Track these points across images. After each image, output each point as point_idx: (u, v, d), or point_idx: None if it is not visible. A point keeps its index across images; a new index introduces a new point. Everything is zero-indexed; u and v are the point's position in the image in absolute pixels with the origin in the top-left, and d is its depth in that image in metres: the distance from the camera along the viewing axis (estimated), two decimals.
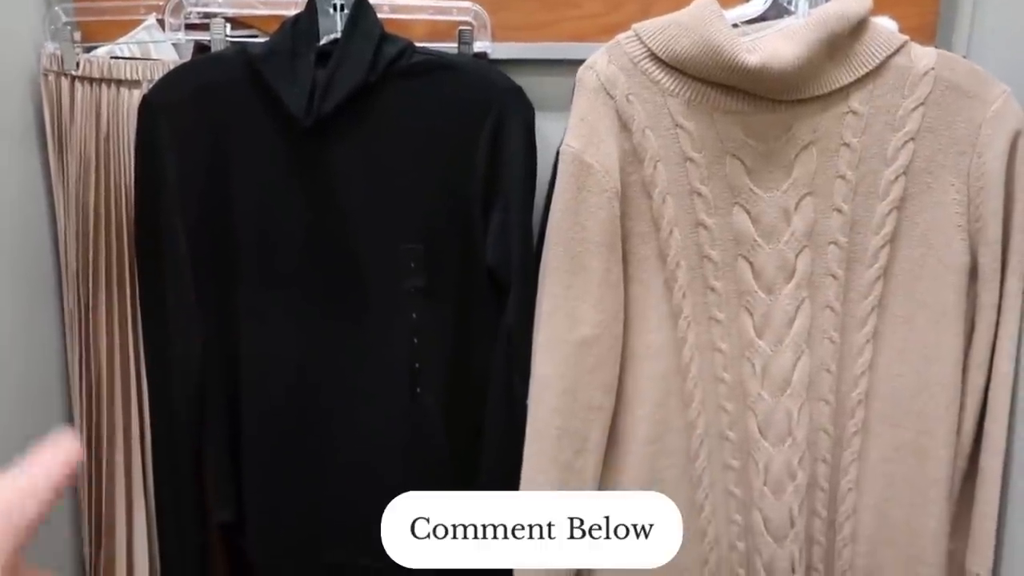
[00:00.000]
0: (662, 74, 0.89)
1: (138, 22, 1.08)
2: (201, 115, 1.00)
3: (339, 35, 1.00)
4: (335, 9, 1.01)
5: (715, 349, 0.93)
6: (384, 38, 1.00)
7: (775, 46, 0.85)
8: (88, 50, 1.09)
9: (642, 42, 0.89)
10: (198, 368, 1.05)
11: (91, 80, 1.07)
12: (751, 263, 0.91)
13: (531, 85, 1.01)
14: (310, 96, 0.97)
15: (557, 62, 1.06)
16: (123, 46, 1.08)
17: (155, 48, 1.07)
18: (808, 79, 0.87)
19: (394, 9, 1.04)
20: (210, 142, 1.01)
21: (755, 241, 0.91)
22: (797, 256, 0.91)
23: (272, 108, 0.98)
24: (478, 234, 1.02)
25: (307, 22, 1.00)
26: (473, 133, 1.00)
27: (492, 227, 1.02)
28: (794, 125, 0.89)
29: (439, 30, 1.06)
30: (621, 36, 0.90)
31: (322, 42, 1.00)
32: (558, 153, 0.94)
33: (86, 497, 1.16)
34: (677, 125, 0.89)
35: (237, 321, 1.05)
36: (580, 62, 0.92)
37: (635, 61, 0.89)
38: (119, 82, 1.07)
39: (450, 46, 1.04)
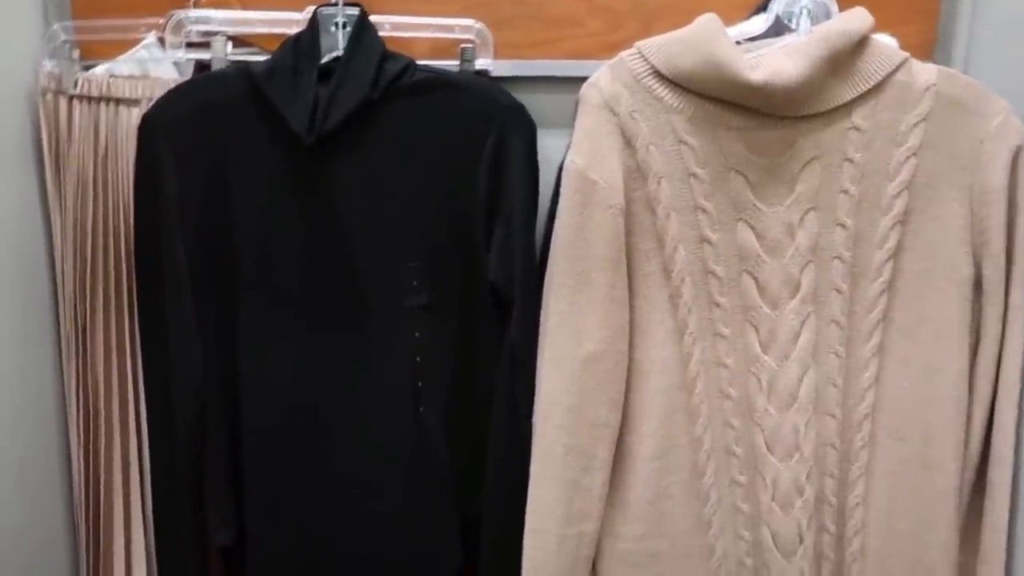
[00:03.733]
0: (665, 91, 0.89)
1: (138, 40, 1.07)
2: (202, 133, 0.99)
3: (341, 53, 1.00)
4: (337, 27, 1.01)
5: (721, 364, 0.93)
6: (386, 56, 1.00)
7: (778, 63, 0.86)
8: (87, 68, 1.08)
9: (645, 59, 0.89)
10: (198, 389, 1.04)
11: (90, 99, 1.06)
12: (756, 278, 0.92)
13: (533, 102, 1.01)
14: (312, 114, 0.96)
15: (559, 79, 1.06)
16: (122, 64, 1.07)
17: (155, 66, 1.06)
18: (811, 95, 0.87)
19: (396, 27, 1.04)
20: (211, 161, 1.00)
21: (759, 256, 0.91)
22: (802, 271, 0.91)
23: (274, 126, 0.98)
24: (480, 251, 1.02)
25: (309, 40, 1.00)
26: (475, 150, 1.00)
27: (495, 243, 1.01)
28: (797, 141, 0.89)
29: (441, 48, 1.06)
30: (624, 53, 0.90)
31: (324, 60, 1.00)
32: (560, 170, 0.94)
33: (83, 522, 1.14)
34: (681, 141, 0.89)
35: (237, 341, 1.04)
36: (581, 79, 0.92)
37: (638, 78, 0.89)
38: (118, 101, 1.06)
39: (452, 64, 1.04)
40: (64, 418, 1.16)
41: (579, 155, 0.89)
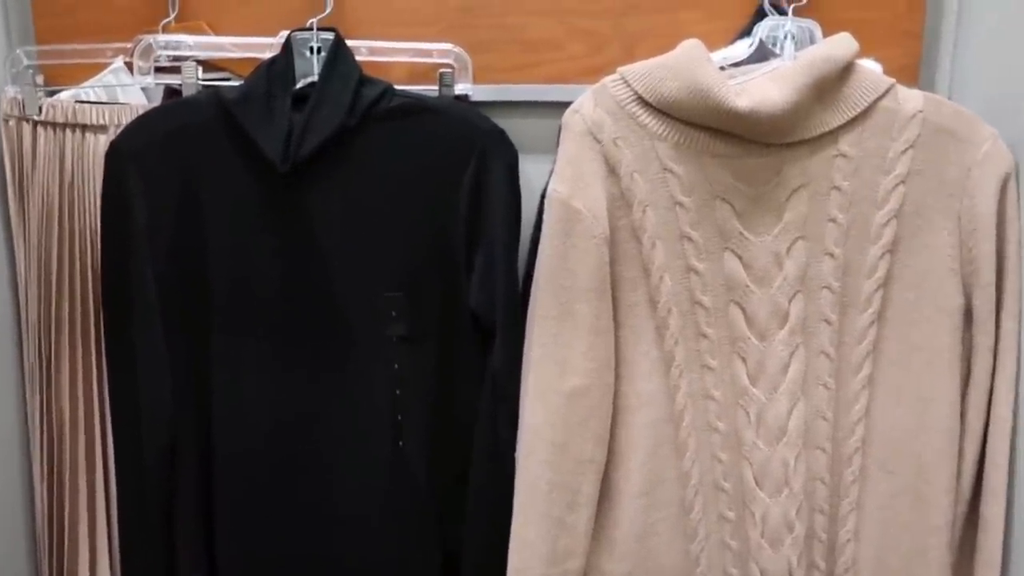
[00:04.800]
0: (649, 118, 0.87)
1: (104, 65, 1.04)
2: (172, 161, 0.96)
3: (316, 78, 0.97)
4: (312, 51, 0.98)
5: (708, 397, 0.91)
6: (363, 81, 0.97)
7: (764, 90, 0.84)
8: (52, 94, 1.05)
9: (628, 85, 0.87)
10: (168, 422, 1.01)
11: (54, 125, 1.03)
12: (743, 309, 0.89)
13: (513, 127, 0.99)
14: (286, 140, 0.94)
15: (539, 104, 1.04)
16: (89, 90, 1.04)
17: (123, 92, 1.03)
18: (797, 122, 0.86)
19: (372, 51, 1.02)
20: (182, 189, 0.97)
21: (747, 286, 0.89)
22: (790, 301, 0.89)
23: (247, 153, 0.95)
24: (461, 279, 1.00)
25: (283, 65, 0.98)
26: (455, 177, 0.98)
27: (476, 272, 0.99)
28: (784, 169, 0.87)
29: (419, 72, 1.03)
30: (607, 79, 0.89)
31: (299, 85, 0.98)
32: (543, 196, 0.92)
33: (47, 558, 1.10)
34: (666, 169, 0.87)
35: (210, 373, 1.01)
36: (563, 104, 0.90)
37: (622, 104, 0.87)
38: (84, 127, 1.03)
39: (431, 88, 1.02)
40: (27, 452, 1.12)
41: (562, 183, 0.87)
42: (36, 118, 1.03)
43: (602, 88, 0.88)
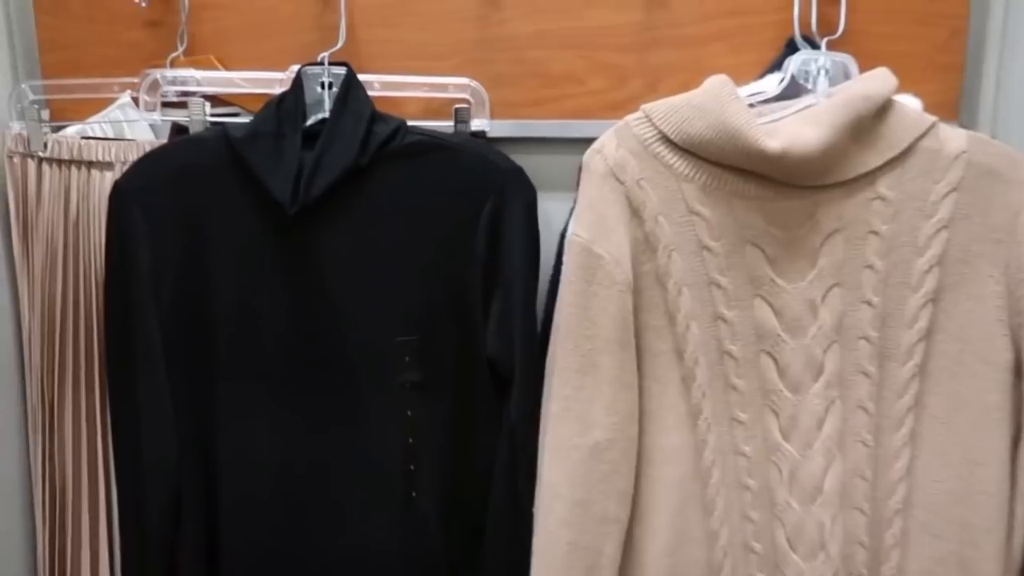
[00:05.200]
0: (675, 158, 0.83)
1: (111, 100, 1.01)
2: (178, 201, 0.93)
3: (327, 115, 0.94)
4: (323, 87, 0.95)
5: (738, 453, 0.86)
6: (375, 117, 0.94)
7: (797, 129, 0.79)
8: (57, 129, 1.03)
9: (653, 124, 0.83)
10: (173, 472, 0.97)
11: (60, 161, 1.01)
12: (775, 360, 0.84)
13: (532, 165, 0.95)
14: (296, 181, 0.91)
15: (559, 141, 1.00)
16: (95, 125, 1.01)
17: (129, 128, 1.01)
18: (833, 164, 0.81)
19: (385, 86, 0.98)
20: (187, 230, 0.94)
21: (779, 336, 0.84)
22: (825, 352, 0.84)
23: (255, 194, 0.92)
24: (477, 324, 0.96)
25: (293, 101, 0.94)
26: (471, 217, 0.94)
27: (492, 316, 0.95)
28: (818, 212, 0.83)
29: (434, 108, 1.00)
30: (630, 117, 0.84)
31: (309, 122, 0.95)
32: (562, 237, 0.87)
33: None
34: (692, 212, 0.83)
35: (216, 421, 0.97)
36: (583, 140, 0.87)
37: (645, 144, 0.83)
38: (90, 164, 1.00)
39: (446, 125, 0.98)
40: (29, 500, 1.09)
41: (583, 227, 0.83)
42: (41, 154, 1.01)
43: (625, 127, 0.84)
